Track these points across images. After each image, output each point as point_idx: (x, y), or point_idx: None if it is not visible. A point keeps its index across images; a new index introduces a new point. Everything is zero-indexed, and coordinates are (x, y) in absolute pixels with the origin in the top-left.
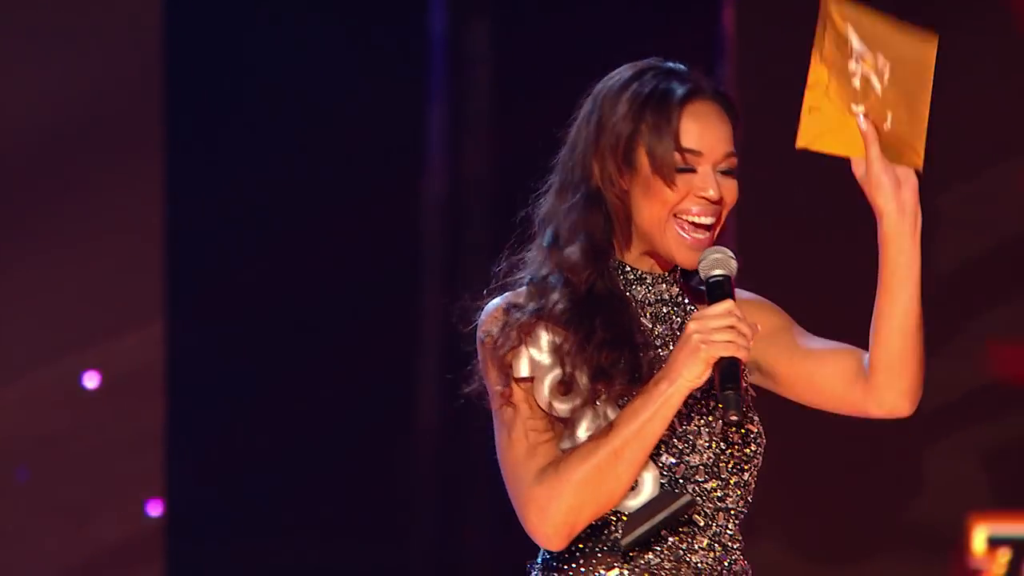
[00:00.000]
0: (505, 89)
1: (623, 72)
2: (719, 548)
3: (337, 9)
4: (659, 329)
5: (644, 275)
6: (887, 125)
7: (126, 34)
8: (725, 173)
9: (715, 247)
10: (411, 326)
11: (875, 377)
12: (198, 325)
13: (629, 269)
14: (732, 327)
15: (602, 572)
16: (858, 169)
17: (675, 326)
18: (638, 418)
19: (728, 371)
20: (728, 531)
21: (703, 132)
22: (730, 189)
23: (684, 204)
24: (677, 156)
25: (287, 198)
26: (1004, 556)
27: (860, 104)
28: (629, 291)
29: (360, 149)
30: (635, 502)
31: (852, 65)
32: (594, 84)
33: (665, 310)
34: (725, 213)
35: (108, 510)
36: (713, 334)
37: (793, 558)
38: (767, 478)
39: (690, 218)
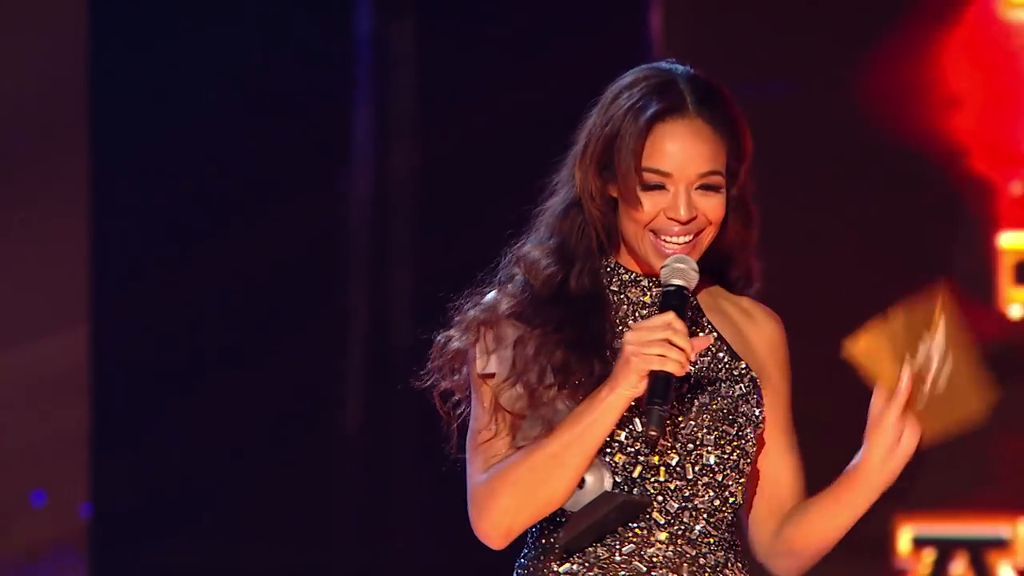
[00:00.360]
0: (431, 89)
1: (624, 78)
2: (683, 543)
3: (263, 8)
4: None
5: (639, 278)
6: (925, 389)
7: (50, 34)
8: (706, 189)
9: (680, 256)
10: (337, 324)
11: (782, 545)
12: (124, 327)
13: (624, 271)
14: (666, 340)
15: (554, 566)
16: (877, 402)
17: None
18: (579, 423)
19: (655, 386)
20: (697, 528)
21: (674, 152)
22: (710, 206)
23: (657, 223)
24: (637, 176)
25: (213, 198)
26: (929, 556)
27: (910, 365)
28: (624, 293)
29: (287, 148)
30: (582, 501)
31: (922, 346)
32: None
33: None
34: (711, 230)
35: (33, 511)
36: (645, 347)
37: None
38: None
39: (664, 237)
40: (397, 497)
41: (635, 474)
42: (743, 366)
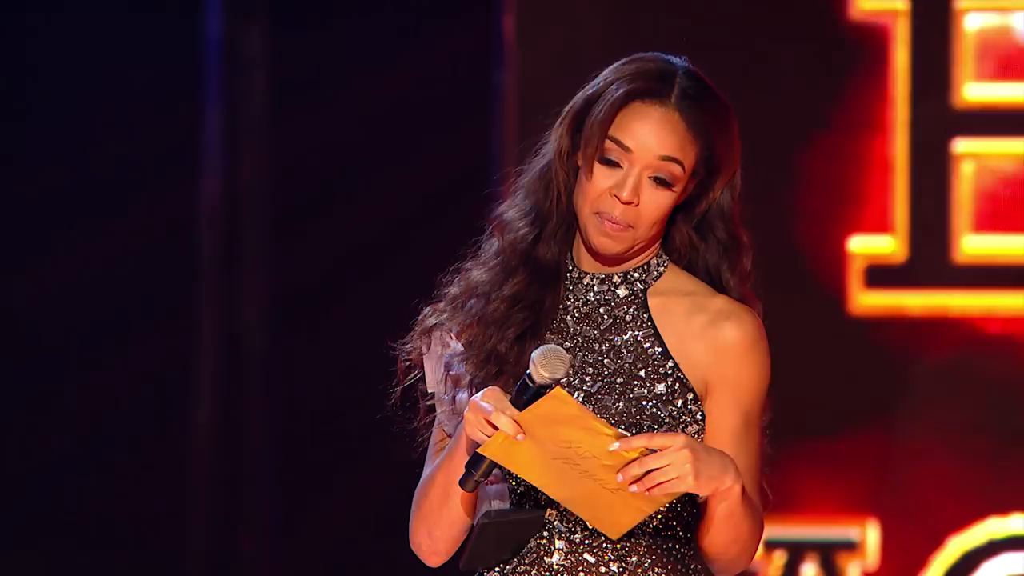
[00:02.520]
0: (282, 93)
1: (631, 57)
2: (584, 551)
3: (111, 9)
4: (583, 329)
5: (584, 274)
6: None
7: None
8: (658, 182)
9: (555, 348)
10: (188, 327)
11: (702, 548)
12: None
13: (573, 267)
14: (487, 421)
15: (484, 573)
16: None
17: (602, 326)
18: (453, 456)
19: (474, 457)
20: (603, 536)
21: (640, 131)
22: (653, 199)
23: (601, 202)
24: (600, 143)
25: (61, 201)
26: (780, 558)
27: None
28: (572, 287)
29: (135, 151)
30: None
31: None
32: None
33: (602, 311)
34: (645, 227)
35: None
36: (475, 416)
37: None
38: None
39: (606, 215)
40: (248, 500)
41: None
42: (671, 364)
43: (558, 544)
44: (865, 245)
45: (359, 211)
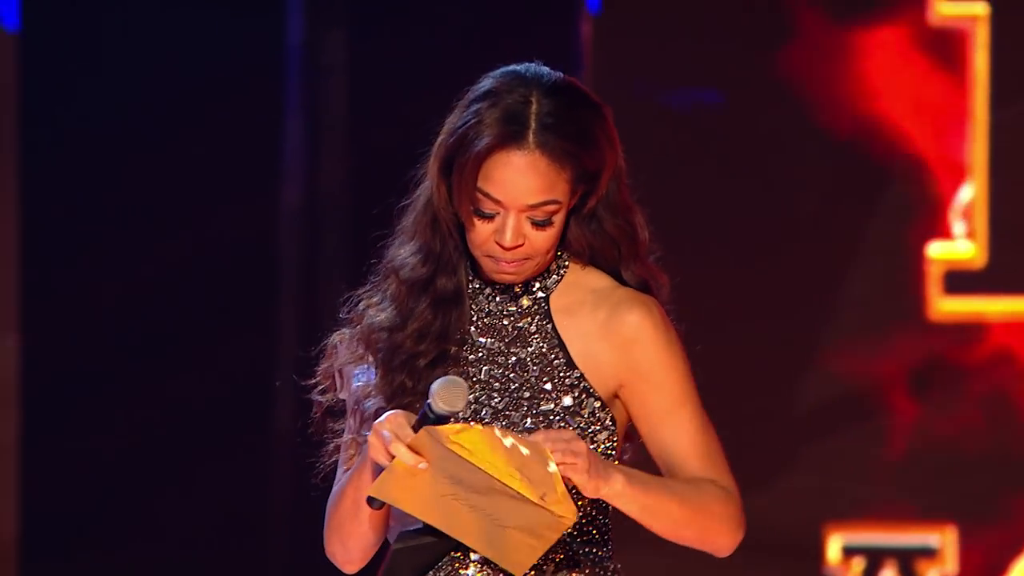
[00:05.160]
0: (362, 99)
1: (485, 83)
2: (497, 567)
3: (193, 16)
4: (488, 342)
5: (484, 285)
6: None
7: None
8: (536, 224)
9: (454, 380)
10: (268, 333)
11: None
12: (54, 337)
13: (474, 277)
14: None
15: None
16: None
17: (507, 338)
18: (359, 478)
19: (368, 497)
20: None
21: (506, 182)
22: (539, 238)
23: (487, 246)
24: (470, 200)
25: (144, 208)
26: (859, 565)
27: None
28: (474, 299)
29: (217, 158)
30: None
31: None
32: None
33: (506, 322)
34: (541, 255)
35: None
36: (375, 440)
37: (649, 567)
38: None
39: (496, 258)
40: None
41: None
42: (576, 375)
43: (473, 557)
44: (944, 251)
45: None
